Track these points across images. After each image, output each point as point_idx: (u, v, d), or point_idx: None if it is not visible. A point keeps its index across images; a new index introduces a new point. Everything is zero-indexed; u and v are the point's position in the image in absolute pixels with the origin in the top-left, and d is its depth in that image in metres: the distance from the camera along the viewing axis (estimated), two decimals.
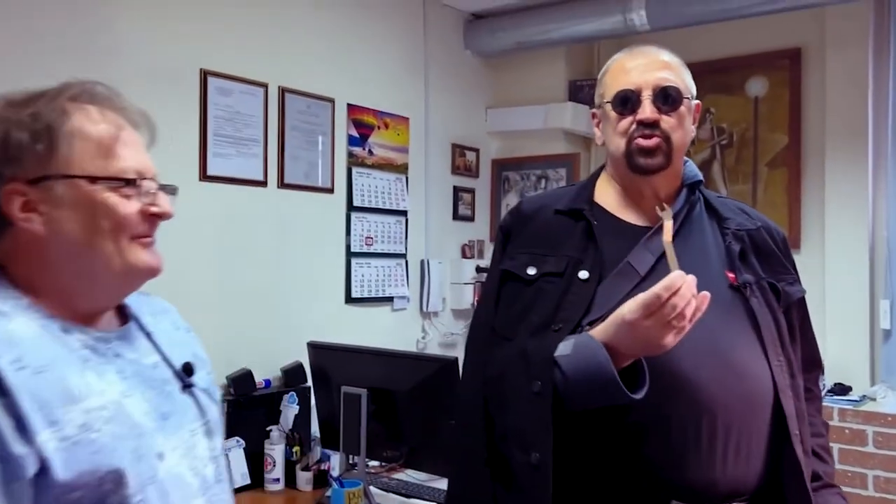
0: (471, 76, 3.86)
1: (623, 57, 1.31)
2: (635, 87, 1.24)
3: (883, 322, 3.20)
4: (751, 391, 1.18)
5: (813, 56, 3.43)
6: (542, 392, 1.13)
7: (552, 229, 1.30)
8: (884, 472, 2.81)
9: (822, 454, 1.34)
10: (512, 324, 1.25)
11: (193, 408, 1.01)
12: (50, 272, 0.89)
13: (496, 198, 4.00)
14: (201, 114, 2.64)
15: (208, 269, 2.67)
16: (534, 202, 1.37)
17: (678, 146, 1.26)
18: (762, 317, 1.22)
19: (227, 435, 2.54)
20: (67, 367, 0.85)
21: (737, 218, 1.32)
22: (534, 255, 1.27)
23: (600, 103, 1.31)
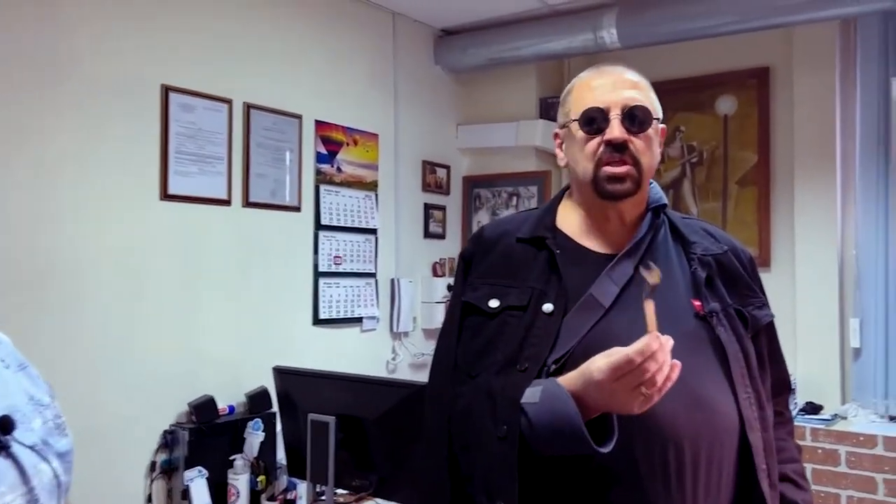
0: (441, 92, 3.81)
1: (589, 75, 1.26)
2: (603, 105, 1.19)
3: (853, 340, 3.21)
4: (718, 426, 1.14)
5: (781, 75, 3.45)
6: (508, 437, 1.09)
7: (514, 258, 1.24)
8: (857, 492, 2.81)
9: (798, 480, 1.28)
10: (475, 360, 1.20)
11: (11, 472, 0.79)
12: None
13: (467, 215, 3.95)
14: (162, 130, 2.55)
15: (168, 291, 2.57)
16: (495, 229, 1.31)
17: (647, 171, 1.21)
18: (729, 347, 1.17)
19: (189, 465, 2.45)
20: None
21: (703, 241, 1.27)
22: (496, 287, 1.22)
23: (565, 123, 1.25)
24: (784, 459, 1.26)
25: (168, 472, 2.49)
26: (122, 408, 2.42)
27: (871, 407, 3.12)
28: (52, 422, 0.85)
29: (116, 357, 2.42)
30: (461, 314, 1.25)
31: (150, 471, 2.47)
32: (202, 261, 2.67)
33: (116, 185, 2.42)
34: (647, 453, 1.09)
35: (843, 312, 3.26)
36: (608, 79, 1.23)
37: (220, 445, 2.55)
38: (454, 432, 1.20)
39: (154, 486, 2.47)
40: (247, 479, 2.49)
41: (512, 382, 1.12)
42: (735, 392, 1.16)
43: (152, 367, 2.50)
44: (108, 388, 2.39)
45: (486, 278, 1.25)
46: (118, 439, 2.41)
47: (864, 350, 3.20)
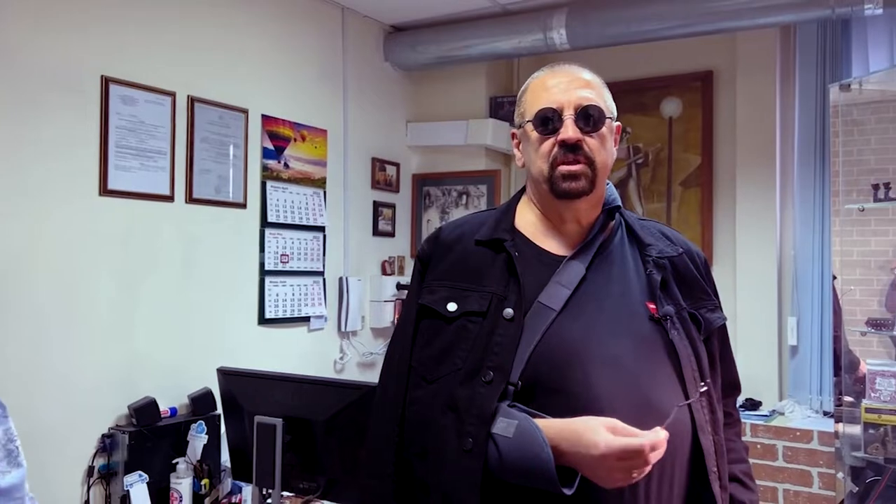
0: (391, 89, 3.78)
1: (543, 75, 1.26)
2: (557, 105, 1.19)
3: (790, 338, 3.31)
4: (671, 431, 1.11)
5: (724, 79, 3.53)
6: (474, 451, 1.08)
7: (473, 261, 1.23)
8: (793, 485, 2.90)
9: (746, 481, 1.30)
10: (433, 365, 1.18)
11: None
12: None
13: (417, 213, 3.94)
14: (102, 124, 2.46)
15: (108, 290, 2.48)
16: (453, 230, 1.29)
17: (602, 169, 1.21)
18: (682, 351, 1.18)
19: (129, 469, 2.37)
20: None
21: (658, 244, 1.27)
22: (454, 290, 1.21)
23: (521, 123, 1.26)
24: (732, 460, 1.28)
25: (106, 478, 2.41)
26: (58, 411, 2.33)
27: (807, 403, 3.22)
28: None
29: (52, 359, 2.32)
30: (417, 317, 1.23)
31: (88, 476, 2.39)
32: (143, 259, 2.59)
33: (53, 181, 2.32)
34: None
35: (781, 311, 3.36)
36: (562, 78, 1.23)
37: (162, 449, 2.48)
38: (409, 438, 1.18)
39: (92, 492, 2.39)
40: (190, 482, 2.43)
41: (478, 395, 1.10)
42: (687, 395, 1.16)
43: (90, 370, 2.42)
44: (43, 391, 2.30)
45: (443, 281, 1.23)
46: (53, 444, 2.32)
47: (800, 348, 3.30)
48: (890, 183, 2.69)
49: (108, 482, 2.41)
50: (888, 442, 2.61)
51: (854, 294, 3.29)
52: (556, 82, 1.22)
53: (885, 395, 2.62)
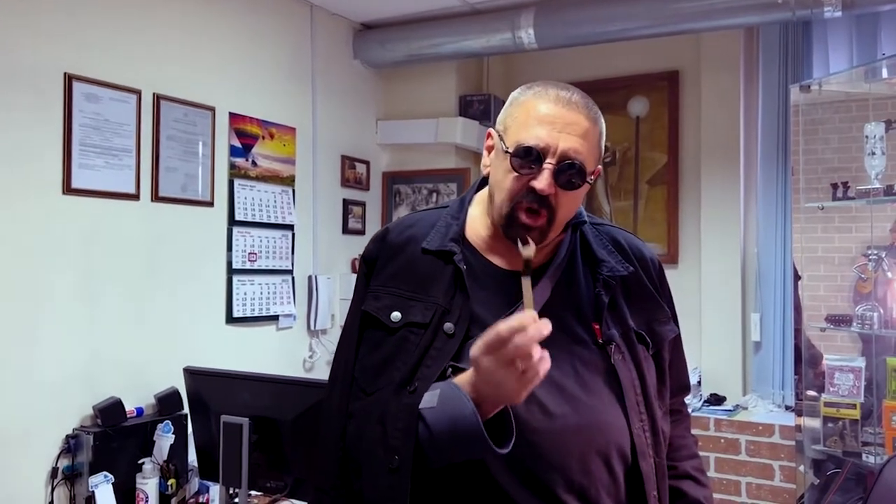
0: (361, 87, 3.78)
1: (545, 97, 1.13)
2: (542, 145, 1.09)
3: (753, 334, 3.38)
4: (609, 454, 1.12)
5: (690, 79, 3.58)
6: (400, 469, 1.05)
7: (420, 267, 1.17)
8: (755, 478, 2.96)
9: (699, 477, 1.30)
10: (371, 377, 1.14)
11: None
12: None
13: (387, 211, 3.94)
14: (65, 121, 2.43)
15: (72, 289, 2.45)
16: (401, 232, 1.22)
17: (560, 222, 1.15)
18: (624, 376, 1.15)
19: (94, 470, 2.35)
20: None
21: (610, 260, 1.22)
22: (399, 298, 1.16)
23: (500, 134, 1.14)
24: (684, 456, 1.28)
25: (71, 479, 2.38)
26: (21, 412, 2.30)
27: (770, 397, 3.29)
28: None
29: (14, 359, 2.29)
30: (360, 324, 1.18)
31: (52, 478, 2.36)
32: (109, 258, 2.56)
33: (14, 179, 2.29)
34: (536, 481, 1.07)
35: (745, 307, 3.42)
36: (561, 115, 1.11)
37: (128, 449, 2.46)
38: (347, 456, 1.15)
39: (56, 494, 2.36)
40: (156, 483, 2.41)
41: (404, 406, 1.07)
42: (629, 421, 1.14)
43: (53, 370, 2.39)
44: (5, 392, 2.26)
45: (388, 287, 1.18)
46: (16, 445, 2.29)
47: (763, 343, 3.37)
48: (848, 182, 2.76)
49: (73, 483, 2.39)
50: (846, 435, 2.68)
51: (818, 290, 3.36)
52: (552, 116, 1.10)
53: (843, 390, 2.69)
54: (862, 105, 3.16)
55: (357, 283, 1.25)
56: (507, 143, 1.12)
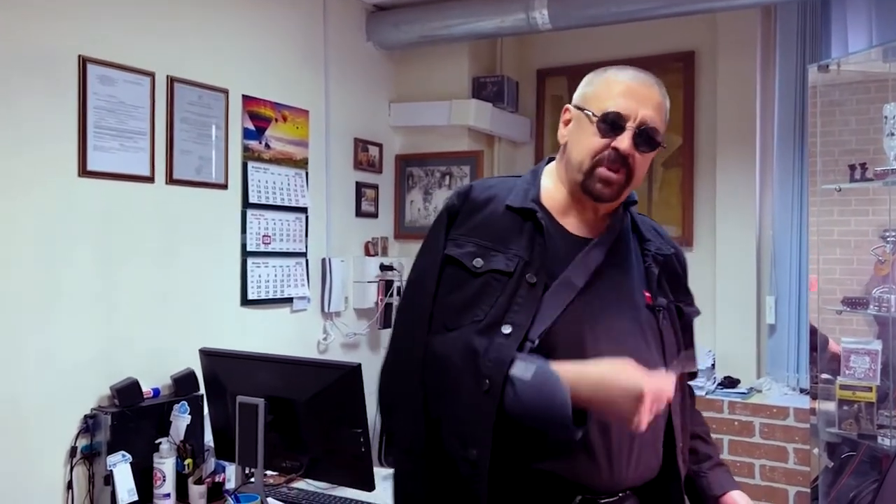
0: (373, 69, 3.77)
1: (624, 74, 1.28)
2: (626, 112, 1.24)
3: (768, 317, 3.36)
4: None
5: (705, 59, 3.54)
6: (490, 391, 1.15)
7: (501, 224, 1.28)
8: (769, 461, 2.95)
9: (707, 439, 1.50)
10: (454, 314, 1.23)
11: None
12: None
13: (400, 194, 3.94)
14: (80, 104, 2.43)
15: (89, 271, 2.47)
16: (485, 190, 1.33)
17: (635, 184, 1.30)
18: (668, 339, 1.31)
19: (112, 449, 2.38)
20: None
21: (655, 241, 1.38)
22: (481, 248, 1.26)
23: (582, 106, 1.29)
24: (695, 423, 1.48)
25: (89, 458, 2.41)
26: (40, 393, 2.33)
27: (784, 380, 3.28)
28: None
29: (33, 341, 2.32)
30: (441, 265, 1.27)
31: (71, 457, 2.39)
32: (124, 240, 2.57)
33: (30, 162, 2.30)
34: (600, 430, 1.20)
35: (760, 290, 3.40)
36: (641, 87, 1.26)
37: (145, 429, 2.48)
38: (425, 377, 1.23)
39: (74, 472, 2.39)
40: (173, 462, 2.44)
41: (497, 344, 1.17)
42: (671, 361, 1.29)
43: (71, 351, 2.41)
44: (24, 373, 2.29)
45: (470, 237, 1.27)
46: (35, 425, 2.32)
47: (778, 326, 3.35)
48: (866, 163, 2.72)
49: (92, 462, 2.42)
50: (861, 418, 2.67)
51: (834, 273, 3.33)
52: (632, 89, 1.26)
53: (859, 373, 2.67)
54: (881, 86, 3.12)
55: (433, 230, 1.33)
56: (590, 110, 1.26)
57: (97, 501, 2.40)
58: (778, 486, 2.92)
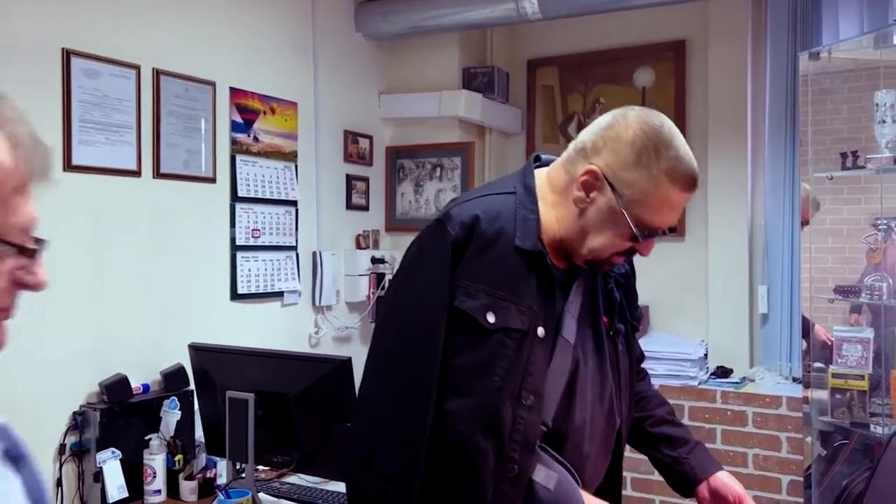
0: (363, 60, 3.74)
1: (680, 180, 1.14)
2: (664, 227, 1.17)
3: (761, 307, 3.35)
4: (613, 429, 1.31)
5: (696, 48, 3.53)
6: (518, 479, 1.12)
7: (511, 267, 1.15)
8: (762, 450, 2.95)
9: (674, 420, 1.48)
10: (466, 378, 1.12)
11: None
12: None
13: (391, 186, 3.91)
14: (64, 98, 2.40)
15: (75, 267, 2.45)
16: (492, 223, 1.16)
17: None
18: (623, 365, 1.30)
19: (102, 446, 2.36)
20: None
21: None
22: (493, 298, 1.13)
23: (622, 199, 1.13)
24: (656, 405, 1.47)
25: (79, 455, 2.40)
26: (28, 389, 2.30)
27: (777, 370, 3.28)
28: None
29: (21, 337, 2.28)
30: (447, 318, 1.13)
31: (60, 454, 2.37)
32: (111, 234, 2.55)
33: None
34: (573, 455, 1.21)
35: (752, 280, 3.40)
36: (687, 198, 1.17)
37: (135, 425, 2.46)
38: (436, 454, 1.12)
39: (64, 470, 2.37)
40: (163, 458, 2.42)
41: (521, 420, 1.13)
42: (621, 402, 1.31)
43: (59, 348, 2.39)
44: (11, 370, 2.27)
45: (480, 284, 1.13)
46: (24, 422, 2.29)
47: (770, 316, 3.35)
48: (858, 151, 2.71)
49: (81, 459, 2.40)
50: (854, 406, 2.67)
51: (826, 262, 3.33)
52: (682, 201, 1.17)
53: (852, 361, 2.67)
54: (872, 74, 3.10)
55: (428, 269, 1.16)
56: (633, 217, 1.14)
57: (87, 498, 2.38)
58: (771, 475, 2.92)
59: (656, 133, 1.14)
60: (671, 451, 1.42)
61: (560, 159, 1.25)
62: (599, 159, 1.16)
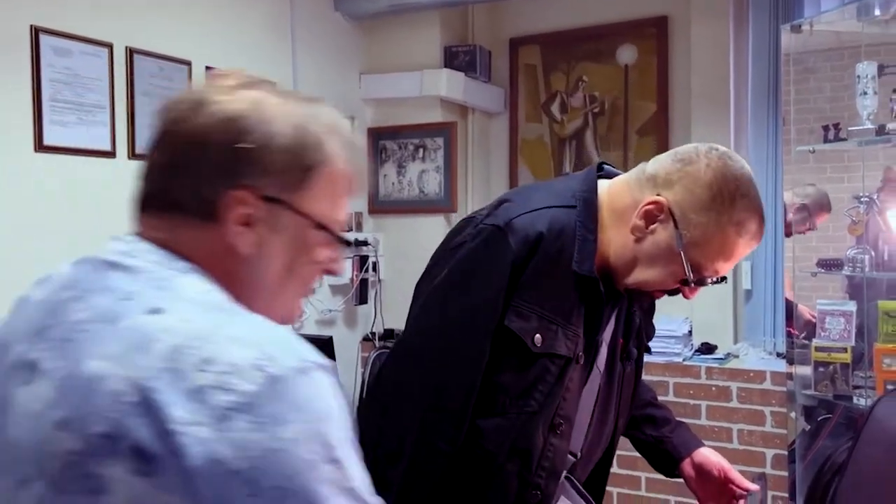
0: (342, 40, 3.69)
1: (747, 232, 1.10)
2: (717, 275, 1.13)
3: (744, 283, 3.36)
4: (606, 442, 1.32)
5: (679, 24, 3.50)
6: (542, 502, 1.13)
7: (565, 290, 1.11)
8: (746, 425, 2.96)
9: (656, 402, 1.50)
10: (503, 397, 1.10)
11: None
12: (227, 288, 0.74)
13: (373, 168, 3.87)
14: (34, 77, 2.35)
15: (49, 249, 2.39)
16: (555, 240, 1.10)
17: None
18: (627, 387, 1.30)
19: None
20: None
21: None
22: (544, 321, 1.09)
23: (685, 241, 1.08)
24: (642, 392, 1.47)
25: None
26: None
27: (761, 345, 3.28)
28: None
29: None
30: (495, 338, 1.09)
31: None
32: (87, 216, 2.50)
33: None
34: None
35: None
36: (746, 252, 1.14)
37: None
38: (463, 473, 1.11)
39: None
40: None
41: (550, 446, 1.13)
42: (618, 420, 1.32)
43: None
44: None
45: (535, 305, 1.09)
46: None
47: (754, 292, 3.35)
48: (839, 124, 2.70)
49: None
50: (837, 379, 2.67)
51: (810, 241, 3.33)
52: (742, 252, 1.13)
53: (834, 334, 2.67)
54: (854, 52, 3.09)
55: (486, 282, 1.10)
56: (690, 260, 1.09)
57: None
58: (755, 450, 2.93)
59: (737, 181, 1.09)
60: (654, 431, 1.42)
61: (626, 177, 1.18)
62: (670, 192, 1.10)
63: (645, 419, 1.44)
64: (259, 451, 0.59)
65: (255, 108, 0.76)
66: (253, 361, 0.62)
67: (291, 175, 0.75)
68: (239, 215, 0.73)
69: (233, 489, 0.58)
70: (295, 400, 0.62)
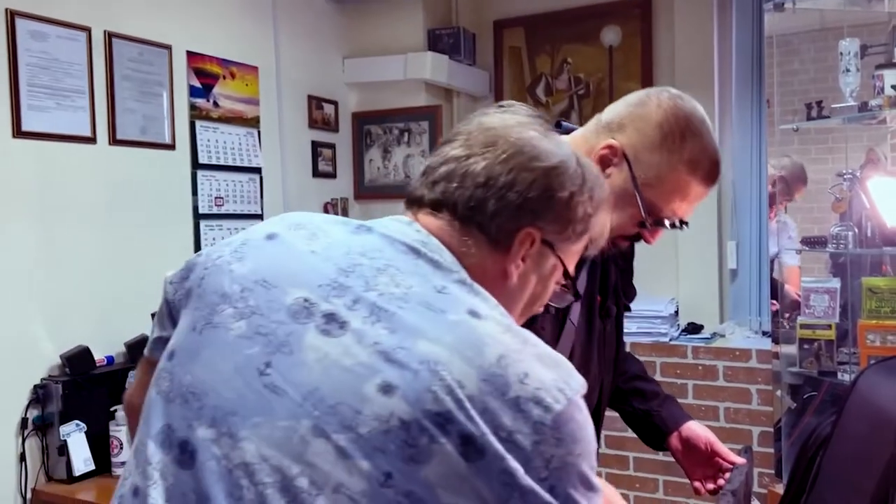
0: (325, 23, 3.65)
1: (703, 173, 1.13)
2: (674, 217, 1.15)
3: (730, 262, 3.37)
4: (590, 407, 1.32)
5: (663, 6, 3.49)
6: None
7: None
8: (733, 403, 2.98)
9: (645, 376, 1.51)
10: None
11: None
12: None
13: (358, 153, 3.85)
14: (10, 61, 2.31)
15: (29, 238, 2.37)
16: None
17: None
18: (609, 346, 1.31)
19: (65, 419, 2.31)
20: None
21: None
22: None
23: (639, 183, 1.09)
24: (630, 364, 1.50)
25: (42, 429, 2.34)
26: None
27: (747, 324, 3.30)
28: None
29: None
30: None
31: (22, 428, 2.31)
32: (66, 204, 2.47)
33: None
34: None
35: (721, 236, 3.41)
36: (702, 192, 1.16)
37: (100, 397, 2.41)
38: None
39: (28, 444, 2.32)
40: None
41: None
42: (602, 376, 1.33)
43: (16, 321, 2.32)
44: None
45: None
46: None
47: (740, 271, 3.37)
48: (822, 101, 2.71)
49: (45, 433, 2.34)
50: (822, 356, 2.69)
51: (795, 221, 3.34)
52: (700, 195, 1.15)
53: (819, 311, 2.69)
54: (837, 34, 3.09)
55: None
56: (646, 201, 1.11)
57: (52, 472, 2.33)
58: (742, 427, 2.96)
59: (687, 119, 1.10)
60: (643, 404, 1.43)
61: (583, 129, 1.20)
62: (623, 136, 1.11)
63: (633, 392, 1.45)
64: (559, 464, 0.68)
65: (570, 161, 0.84)
66: (556, 383, 0.70)
67: (568, 226, 0.84)
68: (525, 251, 0.82)
69: (537, 493, 0.67)
70: (581, 421, 0.71)
